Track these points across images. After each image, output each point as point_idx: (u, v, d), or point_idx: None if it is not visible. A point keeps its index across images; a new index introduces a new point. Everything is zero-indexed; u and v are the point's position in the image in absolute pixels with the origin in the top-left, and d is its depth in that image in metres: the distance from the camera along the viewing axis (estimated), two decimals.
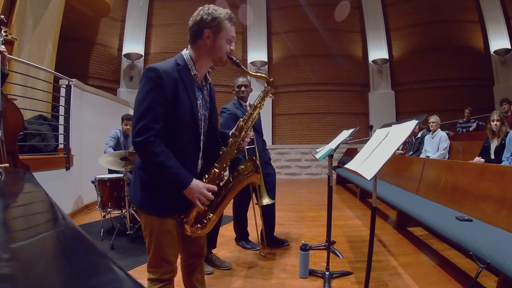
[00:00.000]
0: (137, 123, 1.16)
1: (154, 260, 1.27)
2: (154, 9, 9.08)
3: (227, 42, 1.27)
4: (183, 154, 1.24)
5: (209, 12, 1.23)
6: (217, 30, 1.23)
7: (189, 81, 1.25)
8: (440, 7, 8.75)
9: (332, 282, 2.19)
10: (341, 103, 9.32)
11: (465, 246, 1.83)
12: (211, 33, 1.23)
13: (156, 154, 1.15)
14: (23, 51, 4.68)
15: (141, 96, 1.18)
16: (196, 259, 1.47)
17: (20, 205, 0.93)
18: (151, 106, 1.16)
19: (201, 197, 1.22)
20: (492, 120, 3.66)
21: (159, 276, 1.27)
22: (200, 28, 1.23)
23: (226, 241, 3.07)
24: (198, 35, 1.24)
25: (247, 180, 1.40)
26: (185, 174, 1.21)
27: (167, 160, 1.17)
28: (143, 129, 1.14)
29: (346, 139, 2.60)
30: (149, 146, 1.15)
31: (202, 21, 1.23)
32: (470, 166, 2.80)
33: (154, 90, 1.16)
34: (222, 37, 1.25)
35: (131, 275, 0.37)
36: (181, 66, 1.24)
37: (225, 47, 1.26)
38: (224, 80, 8.91)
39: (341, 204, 4.96)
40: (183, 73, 1.23)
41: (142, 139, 1.14)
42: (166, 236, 1.27)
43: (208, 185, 1.25)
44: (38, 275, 0.37)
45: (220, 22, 1.23)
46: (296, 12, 9.44)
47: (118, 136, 3.81)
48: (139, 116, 1.16)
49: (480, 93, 8.37)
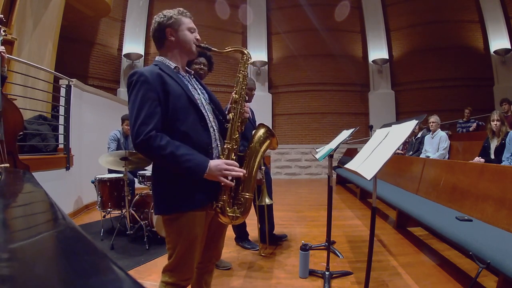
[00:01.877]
0: (134, 124, 1.14)
1: (175, 265, 1.24)
2: (154, 9, 9.07)
3: (189, 32, 1.33)
4: (192, 138, 1.21)
5: (164, 15, 1.32)
6: (176, 26, 1.30)
7: (172, 73, 1.27)
8: (440, 7, 8.75)
9: (332, 282, 2.19)
10: (341, 103, 9.32)
11: (465, 246, 1.83)
12: (172, 30, 1.30)
13: (162, 147, 1.12)
14: (23, 51, 4.68)
15: (131, 99, 1.19)
16: (211, 262, 1.48)
17: (20, 205, 0.92)
18: (143, 103, 1.15)
19: (224, 173, 1.18)
20: (492, 120, 3.66)
21: (175, 281, 1.24)
22: (161, 30, 1.31)
23: (226, 241, 3.03)
24: (162, 37, 1.32)
25: (266, 146, 1.37)
26: (200, 157, 1.17)
27: (177, 149, 1.13)
28: (141, 126, 1.12)
29: (346, 139, 2.60)
30: (153, 141, 1.11)
31: (160, 24, 1.31)
32: (470, 166, 2.80)
33: (141, 89, 1.17)
34: (183, 29, 1.31)
35: (131, 275, 0.37)
36: (158, 64, 1.29)
37: (190, 37, 1.32)
38: (224, 80, 8.91)
39: (341, 204, 4.96)
40: (163, 68, 1.26)
41: (142, 137, 1.11)
42: (193, 241, 1.23)
43: (227, 160, 1.23)
44: (38, 275, 0.37)
45: (175, 19, 1.30)
46: (296, 12, 9.44)
47: (118, 138, 3.81)
48: (135, 118, 1.15)
49: (480, 93, 8.37)
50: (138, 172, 3.46)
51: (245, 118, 1.35)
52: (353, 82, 9.33)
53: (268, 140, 1.37)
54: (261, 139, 1.36)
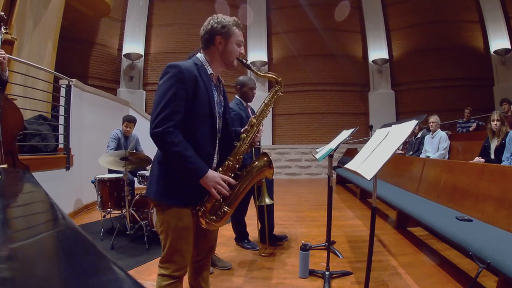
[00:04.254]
0: (158, 115, 1.21)
1: (168, 256, 1.31)
2: (154, 9, 9.07)
3: (237, 46, 1.38)
4: (200, 147, 1.30)
5: (219, 21, 1.34)
6: (227, 36, 1.35)
7: (207, 79, 1.34)
8: (440, 7, 8.75)
9: (332, 282, 2.19)
10: (341, 103, 9.32)
11: (465, 246, 1.83)
12: (222, 39, 1.35)
13: (174, 144, 1.21)
14: (23, 51, 4.68)
15: (162, 90, 1.25)
16: (206, 256, 1.52)
17: (20, 205, 0.92)
18: (172, 99, 1.22)
19: (216, 186, 1.28)
20: (492, 120, 3.66)
21: (170, 272, 1.30)
22: (212, 36, 1.35)
23: (226, 241, 3.07)
24: (210, 41, 1.36)
25: (260, 174, 1.45)
26: (202, 164, 1.27)
27: (185, 150, 1.23)
28: (163, 119, 1.20)
29: (346, 139, 2.60)
30: (169, 136, 1.21)
31: (213, 29, 1.34)
32: (470, 166, 2.79)
33: (175, 85, 1.24)
34: (232, 42, 1.36)
35: (131, 275, 0.37)
36: (199, 65, 1.34)
37: (236, 51, 1.38)
38: (224, 80, 8.84)
39: (341, 204, 4.96)
40: (201, 71, 1.32)
41: (162, 129, 1.20)
42: (183, 231, 1.31)
43: (223, 176, 1.32)
44: (38, 275, 0.37)
45: (229, 29, 1.34)
46: (296, 12, 9.44)
47: (119, 137, 3.81)
48: (160, 109, 1.22)
49: (480, 93, 8.37)
50: (138, 172, 3.46)
51: (254, 143, 1.45)
52: (353, 82, 9.32)
53: (265, 169, 1.45)
54: (259, 166, 1.45)
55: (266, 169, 1.45)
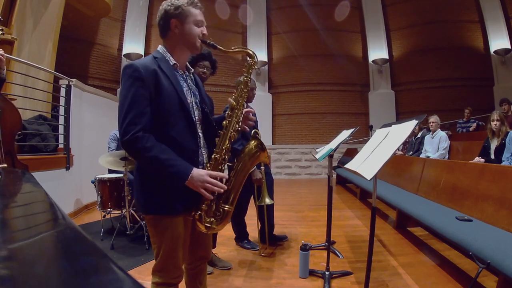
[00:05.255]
0: (123, 122, 1.12)
1: (162, 265, 1.24)
2: (154, 9, 9.06)
3: (196, 26, 1.26)
4: (180, 144, 1.19)
5: (172, 3, 1.23)
6: (182, 17, 1.23)
7: (169, 70, 1.23)
8: (440, 7, 8.74)
9: (332, 282, 2.19)
10: (341, 103, 9.32)
11: (465, 246, 1.83)
12: (177, 21, 1.23)
13: (147, 149, 1.10)
14: (23, 51, 4.68)
15: (122, 94, 1.16)
16: (201, 262, 1.46)
17: (20, 205, 0.92)
18: (133, 101, 1.12)
19: (205, 185, 1.15)
20: (492, 120, 3.66)
21: (165, 280, 1.24)
22: (166, 20, 1.24)
23: (226, 241, 3.07)
24: (166, 27, 1.25)
25: (254, 160, 1.33)
26: (183, 164, 1.15)
27: (161, 153, 1.12)
28: (129, 125, 1.10)
29: (346, 139, 2.60)
30: (138, 141, 1.10)
31: (166, 13, 1.24)
32: (470, 166, 2.79)
33: (134, 85, 1.14)
34: (189, 22, 1.24)
35: (131, 275, 0.37)
36: (158, 57, 1.24)
37: (195, 31, 1.25)
38: (224, 80, 8.91)
39: (341, 204, 4.96)
40: (161, 64, 1.22)
41: (129, 136, 1.10)
42: (177, 240, 1.22)
43: (211, 172, 1.19)
44: (38, 275, 0.37)
45: (183, 9, 1.23)
46: (296, 12, 9.44)
47: (118, 138, 3.81)
48: (124, 115, 1.12)
49: (480, 93, 8.37)
50: None
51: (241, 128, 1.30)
52: (353, 82, 9.33)
53: (258, 154, 1.33)
54: (251, 152, 1.32)
55: (259, 153, 1.31)
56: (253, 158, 1.32)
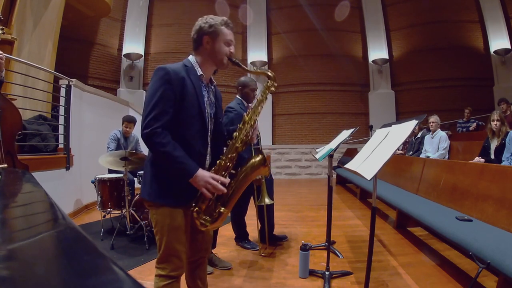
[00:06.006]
0: (147, 116, 1.24)
1: (164, 256, 1.32)
2: (154, 9, 9.07)
3: (226, 45, 1.37)
4: (191, 147, 1.31)
5: (206, 21, 1.36)
6: (214, 36, 1.35)
7: (196, 80, 1.35)
8: (440, 7, 8.75)
9: (332, 282, 2.19)
10: (341, 103, 9.32)
11: (465, 246, 1.83)
12: (209, 39, 1.36)
13: (162, 144, 1.23)
14: (23, 51, 4.68)
15: (150, 92, 1.28)
16: (201, 255, 1.52)
17: (20, 205, 0.92)
18: (160, 100, 1.25)
19: (207, 185, 1.27)
20: (492, 120, 3.65)
21: (168, 273, 1.32)
22: (200, 36, 1.36)
23: (226, 241, 3.07)
24: (199, 42, 1.37)
25: (255, 173, 1.43)
26: (191, 163, 1.27)
27: (174, 150, 1.24)
28: (152, 120, 1.23)
29: (346, 139, 2.60)
30: (156, 136, 1.23)
31: (200, 30, 1.36)
32: (470, 166, 2.79)
33: (162, 86, 1.26)
34: (220, 41, 1.36)
35: (131, 275, 0.37)
36: (188, 67, 1.36)
37: (224, 49, 1.37)
38: (224, 80, 8.91)
39: (341, 204, 4.96)
40: (190, 73, 1.34)
41: (149, 130, 1.22)
42: (177, 231, 1.32)
43: (214, 175, 1.30)
44: (38, 275, 0.37)
45: (216, 28, 1.35)
46: (296, 12, 9.44)
47: (118, 137, 3.81)
48: (149, 110, 1.25)
49: (480, 93, 8.38)
50: (138, 172, 3.46)
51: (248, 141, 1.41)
52: (353, 82, 9.33)
53: (260, 168, 1.43)
54: (254, 165, 1.42)
55: (261, 167, 1.43)
56: (255, 171, 1.43)
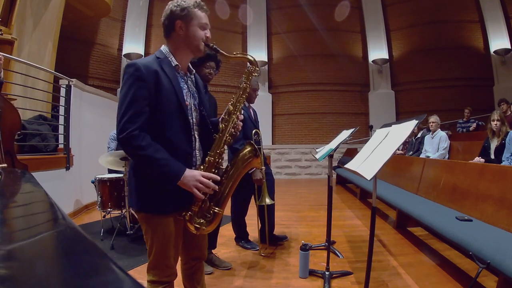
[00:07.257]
0: (121, 119, 1.13)
1: (155, 262, 1.26)
2: (154, 9, 9.05)
3: (201, 29, 1.26)
4: (175, 145, 1.21)
5: (178, 4, 1.23)
6: (188, 19, 1.24)
7: (171, 72, 1.24)
8: (440, 7, 8.75)
9: (332, 282, 2.19)
10: (341, 103, 9.32)
11: (465, 246, 1.83)
12: (182, 23, 1.24)
13: (142, 148, 1.12)
14: (23, 51, 4.68)
15: (122, 92, 1.17)
16: (197, 262, 1.46)
17: (20, 205, 0.92)
18: (133, 100, 1.14)
19: (198, 185, 1.17)
20: (492, 120, 3.65)
21: (159, 278, 1.26)
22: (171, 21, 1.24)
23: (226, 241, 3.07)
24: (171, 27, 1.25)
25: (247, 165, 1.35)
26: (176, 164, 1.17)
27: (155, 152, 1.13)
28: (127, 123, 1.12)
29: (346, 139, 2.60)
30: (134, 140, 1.12)
31: (172, 14, 1.24)
32: (470, 166, 2.79)
33: (134, 84, 1.15)
34: (194, 25, 1.24)
35: (131, 275, 0.37)
36: (160, 58, 1.24)
37: (200, 34, 1.26)
38: (224, 80, 8.91)
39: (341, 204, 4.96)
40: (163, 65, 1.23)
41: (126, 133, 1.11)
42: (169, 239, 1.25)
43: (204, 173, 1.21)
44: (38, 275, 0.37)
45: (189, 11, 1.23)
46: (296, 12, 9.44)
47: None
48: (122, 113, 1.14)
49: (480, 93, 8.37)
50: None
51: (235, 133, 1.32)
52: (353, 82, 9.33)
53: (251, 160, 1.34)
54: (244, 157, 1.34)
55: (252, 159, 1.34)
56: (246, 164, 1.34)
